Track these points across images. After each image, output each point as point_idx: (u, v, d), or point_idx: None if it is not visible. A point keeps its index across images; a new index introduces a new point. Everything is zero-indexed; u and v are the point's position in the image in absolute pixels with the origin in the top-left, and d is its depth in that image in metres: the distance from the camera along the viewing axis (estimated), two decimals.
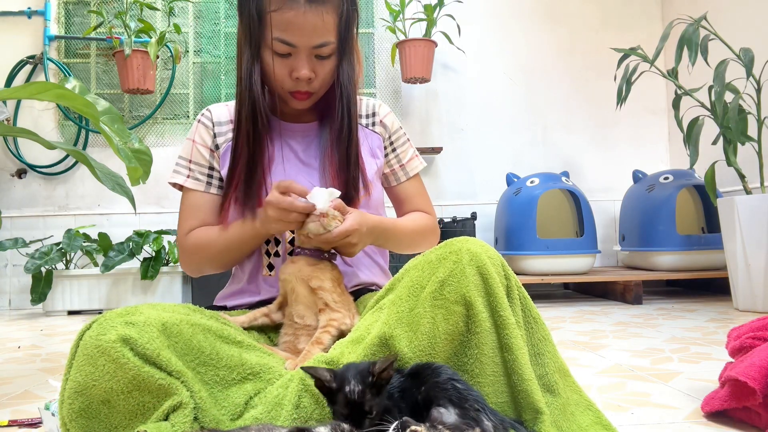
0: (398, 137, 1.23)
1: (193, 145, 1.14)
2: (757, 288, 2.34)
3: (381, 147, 1.20)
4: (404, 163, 1.23)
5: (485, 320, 0.86)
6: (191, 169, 1.13)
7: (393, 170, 1.23)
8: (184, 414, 0.74)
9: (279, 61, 1.02)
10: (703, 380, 1.30)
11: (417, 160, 1.26)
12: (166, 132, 3.40)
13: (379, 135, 1.20)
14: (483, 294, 0.87)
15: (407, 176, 1.24)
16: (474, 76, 3.54)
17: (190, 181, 1.13)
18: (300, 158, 1.13)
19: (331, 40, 1.01)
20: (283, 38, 0.99)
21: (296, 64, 1.01)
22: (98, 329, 0.77)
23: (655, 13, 3.62)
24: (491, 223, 3.38)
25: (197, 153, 1.14)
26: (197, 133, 1.15)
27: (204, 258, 1.12)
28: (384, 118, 1.21)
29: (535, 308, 0.93)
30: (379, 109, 1.22)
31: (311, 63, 1.02)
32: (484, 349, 0.85)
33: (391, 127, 1.22)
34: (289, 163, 1.12)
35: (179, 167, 1.14)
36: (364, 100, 1.21)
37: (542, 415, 0.82)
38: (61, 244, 2.93)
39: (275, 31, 0.99)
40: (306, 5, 0.97)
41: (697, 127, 2.50)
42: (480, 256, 0.89)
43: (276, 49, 1.01)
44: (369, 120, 1.20)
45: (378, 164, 1.18)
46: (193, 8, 3.40)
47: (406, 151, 1.24)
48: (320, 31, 0.99)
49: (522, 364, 0.84)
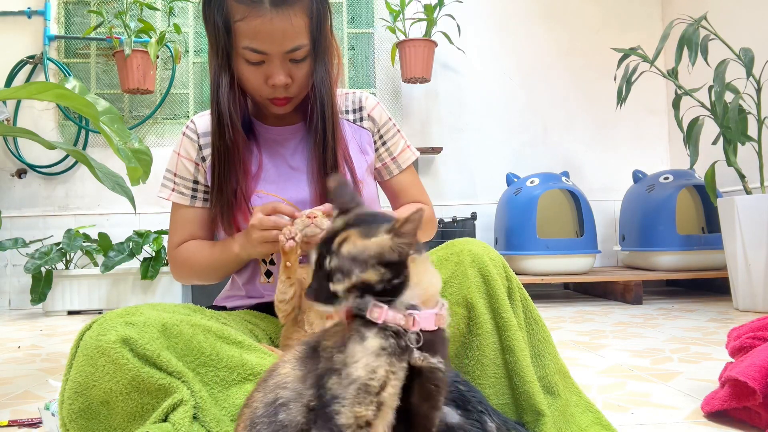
0: (387, 129, 1.19)
1: (178, 159, 1.13)
2: (757, 288, 2.34)
3: (371, 143, 1.17)
4: (395, 156, 1.19)
5: (487, 322, 0.86)
6: (176, 182, 1.13)
7: (385, 164, 1.20)
8: (184, 411, 0.74)
9: (252, 70, 0.99)
10: (703, 380, 1.30)
11: (409, 151, 1.21)
12: (166, 132, 3.40)
13: (368, 130, 1.17)
14: (484, 295, 0.87)
15: (400, 169, 1.20)
16: (474, 76, 3.54)
17: (175, 195, 1.12)
18: (288, 163, 1.10)
19: (303, 43, 0.97)
20: (253, 47, 0.96)
21: (271, 71, 0.98)
22: (98, 329, 0.77)
23: (655, 13, 3.62)
24: (491, 223, 3.38)
25: (182, 166, 1.12)
26: (182, 146, 1.13)
27: (192, 272, 1.12)
28: (372, 112, 1.17)
29: (536, 309, 0.93)
30: (365, 102, 1.17)
31: (286, 68, 0.99)
32: (486, 351, 0.85)
33: (379, 120, 1.18)
34: (277, 168, 1.10)
35: (166, 180, 1.14)
36: (350, 95, 1.18)
37: (543, 417, 0.82)
38: (61, 244, 2.93)
39: (244, 41, 0.96)
40: (272, 11, 0.93)
41: (697, 127, 2.50)
42: (481, 257, 0.89)
43: (247, 58, 0.98)
44: (356, 115, 1.17)
45: (368, 160, 1.15)
46: (193, 8, 3.40)
47: (396, 143, 1.20)
48: (290, 36, 0.96)
49: (523, 366, 0.84)
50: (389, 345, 0.57)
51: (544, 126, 3.57)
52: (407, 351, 0.58)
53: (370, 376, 0.56)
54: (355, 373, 0.56)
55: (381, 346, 0.57)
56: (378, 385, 0.56)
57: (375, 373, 0.56)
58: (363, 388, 0.56)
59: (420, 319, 0.59)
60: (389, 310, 0.58)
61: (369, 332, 0.58)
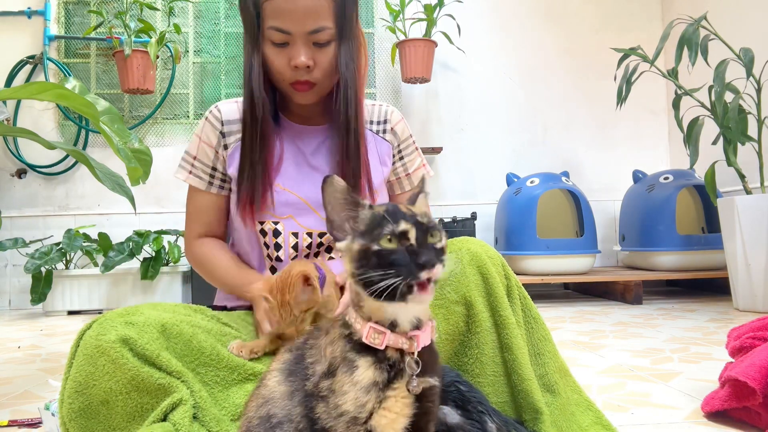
0: (407, 145, 1.19)
1: (199, 143, 1.12)
2: (757, 288, 2.34)
3: (390, 155, 1.17)
4: (410, 173, 1.20)
5: (485, 320, 0.86)
6: (194, 166, 1.12)
7: (399, 179, 1.20)
8: (184, 410, 0.74)
9: (277, 52, 1.00)
10: (703, 380, 1.30)
11: (423, 170, 1.22)
12: (166, 132, 3.40)
13: (389, 143, 1.17)
14: (483, 294, 0.87)
15: (412, 185, 1.21)
16: (474, 76, 3.54)
17: (192, 177, 1.12)
18: (308, 161, 1.10)
19: (327, 25, 0.98)
20: (277, 26, 0.97)
21: (293, 52, 0.99)
22: (98, 329, 0.77)
23: (655, 13, 3.63)
24: (491, 223, 3.38)
25: (202, 151, 1.12)
26: (204, 130, 1.12)
27: (203, 275, 1.14)
28: (395, 126, 1.18)
29: (535, 308, 0.93)
30: (391, 116, 1.18)
31: (309, 50, 1.00)
32: (485, 349, 0.85)
33: (401, 135, 1.18)
34: (297, 165, 1.10)
35: (184, 162, 1.13)
36: (376, 106, 1.18)
37: (542, 415, 0.82)
38: (61, 244, 2.93)
39: (270, 20, 0.98)
40: None
41: (697, 127, 2.50)
42: (480, 256, 0.89)
43: (273, 39, 0.99)
44: (380, 126, 1.17)
45: (385, 172, 1.15)
46: (193, 8, 3.40)
47: (413, 161, 1.20)
48: (314, 16, 0.97)
49: (522, 364, 0.84)
50: (382, 380, 0.56)
51: (544, 126, 3.57)
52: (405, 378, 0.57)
53: (359, 411, 0.55)
54: (343, 407, 0.55)
55: (373, 381, 0.56)
56: (366, 416, 0.55)
57: (364, 407, 0.55)
58: (352, 420, 0.55)
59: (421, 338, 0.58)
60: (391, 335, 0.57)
61: (361, 361, 0.57)
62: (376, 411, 0.55)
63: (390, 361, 0.57)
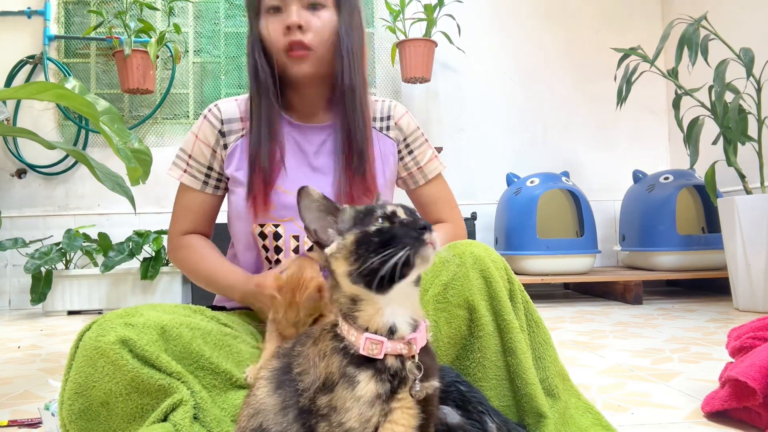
0: (415, 138, 1.17)
1: (195, 141, 1.09)
2: (757, 288, 2.34)
3: (394, 153, 1.15)
4: (422, 166, 1.17)
5: (488, 324, 0.86)
6: (189, 164, 1.10)
7: (411, 173, 1.17)
8: (184, 411, 0.74)
9: (272, 20, 1.02)
10: (703, 380, 1.30)
11: (436, 161, 1.19)
12: (165, 132, 3.40)
13: (393, 140, 1.15)
14: (486, 298, 0.87)
15: (426, 179, 1.18)
16: (474, 76, 3.54)
17: (187, 177, 1.10)
18: (310, 162, 1.08)
19: None
20: None
21: (286, 15, 1.01)
22: (98, 330, 0.77)
23: (655, 13, 3.62)
24: (491, 223, 3.37)
25: (198, 150, 1.09)
26: (201, 129, 1.09)
27: (187, 273, 1.12)
28: (399, 120, 1.15)
29: (536, 312, 0.93)
30: (394, 110, 1.16)
31: (303, 13, 1.01)
32: (487, 353, 0.85)
33: (406, 129, 1.16)
34: (298, 167, 1.08)
35: (178, 160, 1.11)
36: (379, 102, 1.16)
37: (545, 419, 0.82)
38: (61, 244, 2.93)
39: None
40: None
41: (697, 127, 2.50)
42: (483, 259, 0.89)
43: (268, 5, 1.01)
44: (384, 123, 1.15)
45: (387, 170, 1.13)
46: (193, 8, 3.40)
47: (423, 153, 1.17)
48: None
49: (526, 368, 0.84)
50: (385, 392, 0.55)
51: (544, 126, 3.57)
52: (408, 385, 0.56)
53: (364, 427, 0.54)
54: (348, 424, 0.54)
55: (376, 394, 0.54)
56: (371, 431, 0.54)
57: (369, 422, 0.54)
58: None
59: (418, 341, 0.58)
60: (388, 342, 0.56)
61: (361, 375, 0.55)
62: (381, 425, 0.54)
63: (391, 370, 0.56)
